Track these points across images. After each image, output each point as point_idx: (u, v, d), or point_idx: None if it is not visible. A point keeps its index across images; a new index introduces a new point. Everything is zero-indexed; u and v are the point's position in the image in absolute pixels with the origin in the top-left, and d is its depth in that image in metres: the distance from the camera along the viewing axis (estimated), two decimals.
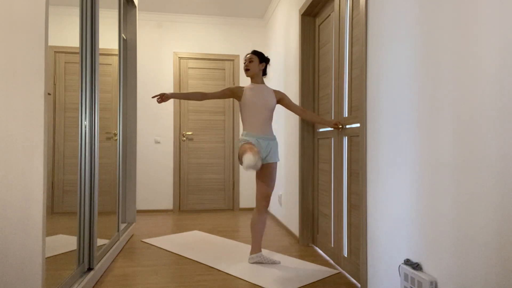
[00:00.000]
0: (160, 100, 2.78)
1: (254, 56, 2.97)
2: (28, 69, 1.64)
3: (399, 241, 1.85)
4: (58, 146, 1.97)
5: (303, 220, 3.38)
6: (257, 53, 3.00)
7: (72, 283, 2.11)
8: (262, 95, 2.91)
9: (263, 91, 2.93)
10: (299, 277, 2.54)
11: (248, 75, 2.98)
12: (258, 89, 2.93)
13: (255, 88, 2.93)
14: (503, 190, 1.22)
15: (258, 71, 2.97)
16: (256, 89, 2.93)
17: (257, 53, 3.00)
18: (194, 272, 2.66)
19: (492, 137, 1.26)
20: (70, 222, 2.17)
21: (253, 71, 2.96)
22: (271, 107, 2.91)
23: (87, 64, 2.33)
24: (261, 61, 2.99)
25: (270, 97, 2.93)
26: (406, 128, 1.78)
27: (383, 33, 2.01)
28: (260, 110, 2.88)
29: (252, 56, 2.98)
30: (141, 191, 5.07)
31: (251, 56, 2.98)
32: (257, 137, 2.85)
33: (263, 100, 2.88)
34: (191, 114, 5.21)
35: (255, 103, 2.87)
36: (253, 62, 2.95)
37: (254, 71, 2.96)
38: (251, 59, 2.96)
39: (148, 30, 5.12)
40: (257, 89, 2.93)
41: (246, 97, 2.90)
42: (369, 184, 2.17)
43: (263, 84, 2.99)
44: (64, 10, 2.05)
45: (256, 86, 2.95)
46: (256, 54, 2.99)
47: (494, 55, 1.26)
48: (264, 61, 3.01)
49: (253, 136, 2.85)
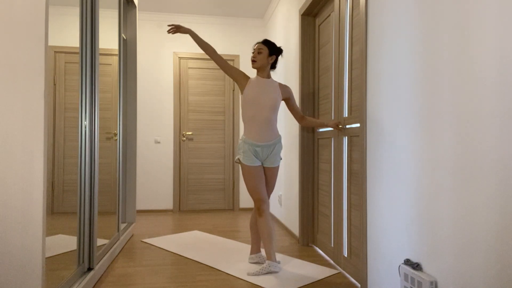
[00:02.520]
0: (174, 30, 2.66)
1: (264, 47, 2.71)
2: (28, 69, 1.63)
3: (399, 241, 1.85)
4: (58, 146, 1.97)
5: (303, 220, 3.38)
6: (267, 44, 2.73)
7: (72, 283, 2.11)
8: (266, 91, 2.68)
9: (267, 86, 2.70)
10: (299, 277, 2.54)
11: (254, 67, 2.74)
12: (262, 84, 2.70)
13: (259, 82, 2.70)
14: (503, 190, 1.22)
15: (266, 64, 2.72)
16: (261, 84, 2.70)
17: (267, 44, 2.73)
18: (194, 272, 2.66)
19: (492, 136, 1.26)
20: (70, 222, 2.17)
21: (260, 63, 2.71)
22: (275, 105, 2.68)
23: (87, 64, 2.33)
24: (271, 53, 2.73)
25: (275, 93, 2.70)
26: (406, 127, 1.78)
27: (383, 33, 2.01)
28: (262, 109, 2.65)
29: (261, 46, 2.72)
30: (141, 191, 5.07)
31: (260, 46, 2.72)
32: (255, 145, 2.65)
33: (266, 98, 2.66)
34: (191, 114, 5.21)
35: (257, 101, 2.65)
36: (261, 54, 2.70)
37: (262, 63, 2.71)
38: (260, 49, 2.71)
39: (148, 30, 5.12)
40: (261, 84, 2.70)
41: (248, 90, 2.68)
42: (369, 184, 2.17)
43: (269, 79, 2.75)
44: (64, 10, 2.05)
45: (261, 80, 2.71)
46: (266, 45, 2.73)
47: (494, 55, 1.26)
48: (275, 54, 2.74)
49: (252, 144, 2.65)
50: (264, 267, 2.57)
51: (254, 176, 2.66)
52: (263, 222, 2.66)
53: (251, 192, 2.69)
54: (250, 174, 2.66)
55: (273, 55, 2.74)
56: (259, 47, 2.73)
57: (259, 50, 2.72)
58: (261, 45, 2.73)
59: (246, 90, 2.69)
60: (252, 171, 2.66)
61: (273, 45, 2.74)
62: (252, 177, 2.66)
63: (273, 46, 2.74)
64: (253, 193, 2.67)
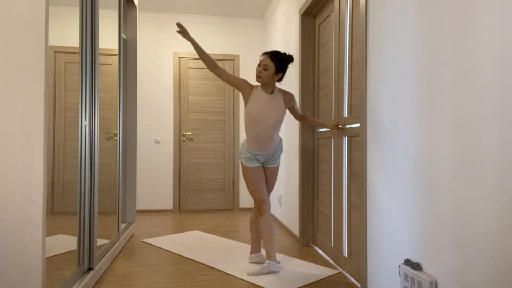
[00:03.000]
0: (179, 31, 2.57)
1: (271, 64, 2.50)
2: (28, 69, 1.63)
3: (399, 241, 1.85)
4: (58, 146, 1.97)
5: (303, 220, 3.38)
6: (275, 59, 2.51)
7: (72, 283, 2.11)
8: (270, 108, 2.55)
9: (272, 103, 2.57)
10: (299, 277, 2.54)
11: (258, 81, 2.58)
12: (266, 101, 2.56)
13: (263, 99, 2.56)
14: (503, 190, 1.22)
15: (271, 81, 2.58)
16: (265, 100, 2.56)
17: (275, 59, 2.51)
18: (194, 272, 2.66)
19: (492, 136, 1.26)
20: (70, 222, 2.17)
21: (265, 80, 2.55)
22: (279, 121, 2.58)
23: (87, 64, 2.33)
24: (278, 70, 2.53)
25: (279, 109, 2.58)
26: (406, 127, 1.78)
27: (383, 33, 2.01)
28: (265, 128, 2.55)
29: (268, 62, 2.51)
30: (141, 191, 5.07)
31: (267, 62, 2.51)
32: (257, 154, 2.64)
33: (270, 116, 2.55)
34: (191, 114, 5.21)
35: (260, 120, 2.54)
36: (267, 71, 2.52)
37: (266, 80, 2.55)
38: (266, 66, 2.51)
39: (148, 30, 5.12)
40: (265, 101, 2.56)
41: (251, 105, 2.55)
42: (369, 184, 2.17)
43: (273, 94, 2.60)
44: (64, 10, 2.05)
45: (264, 96, 2.56)
46: (274, 60, 2.51)
47: (494, 55, 1.26)
48: (282, 71, 2.56)
49: (254, 153, 2.64)
50: (264, 267, 2.57)
51: (254, 176, 2.67)
52: (263, 222, 2.66)
53: (252, 192, 2.69)
54: (251, 174, 2.67)
55: (280, 72, 2.56)
56: (265, 63, 2.52)
57: (265, 66, 2.52)
58: (268, 60, 2.52)
59: (250, 104, 2.57)
60: (252, 171, 2.67)
61: (282, 61, 2.53)
62: (253, 178, 2.67)
63: (282, 62, 2.53)
64: (254, 193, 2.68)
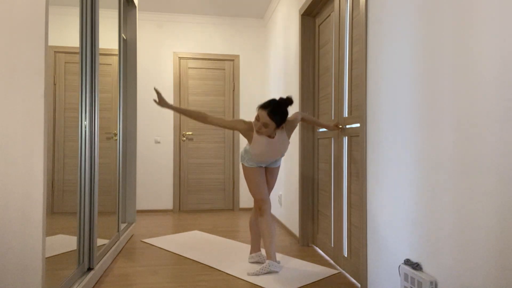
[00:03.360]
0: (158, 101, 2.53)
1: (271, 123, 2.42)
2: (28, 69, 1.63)
3: (399, 241, 1.85)
4: (58, 146, 1.97)
5: (303, 220, 3.38)
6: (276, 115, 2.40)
7: (72, 283, 2.11)
8: (274, 148, 2.58)
9: (276, 143, 2.58)
10: (299, 277, 2.54)
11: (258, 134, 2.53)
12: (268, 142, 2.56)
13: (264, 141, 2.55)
14: (503, 190, 1.22)
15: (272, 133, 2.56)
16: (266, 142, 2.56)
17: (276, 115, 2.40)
18: (194, 272, 2.66)
19: (492, 136, 1.26)
20: (70, 222, 2.17)
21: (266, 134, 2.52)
22: (282, 153, 2.64)
23: (87, 64, 2.33)
24: (280, 124, 2.47)
25: (283, 144, 2.60)
26: (406, 127, 1.78)
27: (383, 33, 2.01)
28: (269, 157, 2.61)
29: (268, 121, 2.41)
30: (141, 191, 5.07)
31: (266, 121, 2.42)
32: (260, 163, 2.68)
33: (274, 153, 2.60)
34: None
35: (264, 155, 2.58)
36: (268, 128, 2.46)
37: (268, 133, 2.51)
38: (265, 124, 2.43)
39: (148, 30, 5.12)
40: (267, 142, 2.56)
41: (255, 145, 2.56)
42: (369, 184, 2.17)
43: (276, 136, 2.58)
44: (64, 10, 2.05)
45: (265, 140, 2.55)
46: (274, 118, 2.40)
47: (494, 54, 1.26)
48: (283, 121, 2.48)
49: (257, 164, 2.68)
50: (264, 267, 2.57)
51: (256, 176, 2.68)
52: (264, 222, 2.67)
53: (252, 192, 2.70)
54: (252, 174, 2.68)
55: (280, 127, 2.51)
56: (264, 121, 2.41)
57: (265, 123, 2.42)
58: (268, 119, 2.41)
59: (253, 145, 2.57)
60: (254, 171, 2.69)
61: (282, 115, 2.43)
62: (254, 177, 2.68)
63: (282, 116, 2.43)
64: (255, 193, 2.69)
